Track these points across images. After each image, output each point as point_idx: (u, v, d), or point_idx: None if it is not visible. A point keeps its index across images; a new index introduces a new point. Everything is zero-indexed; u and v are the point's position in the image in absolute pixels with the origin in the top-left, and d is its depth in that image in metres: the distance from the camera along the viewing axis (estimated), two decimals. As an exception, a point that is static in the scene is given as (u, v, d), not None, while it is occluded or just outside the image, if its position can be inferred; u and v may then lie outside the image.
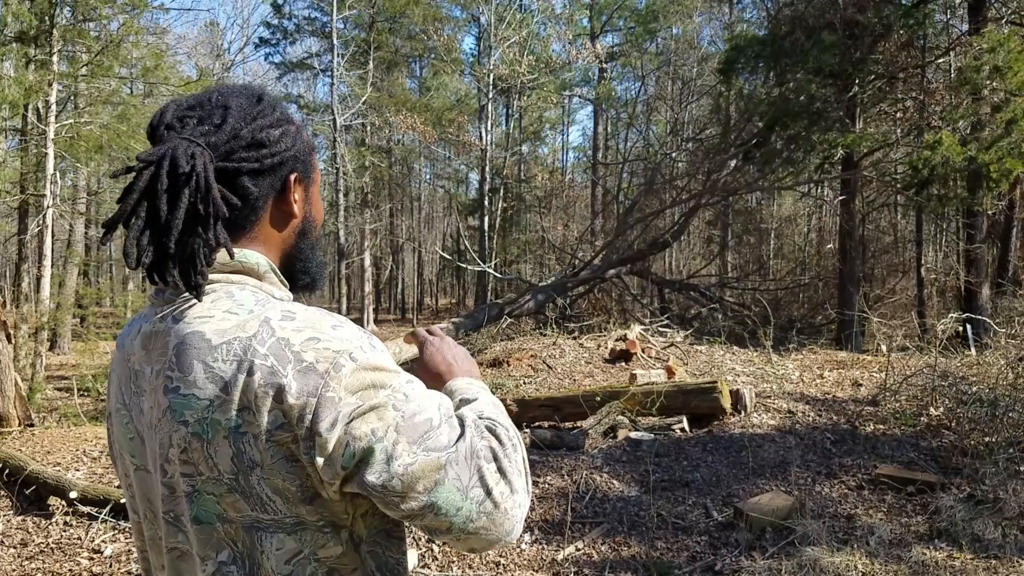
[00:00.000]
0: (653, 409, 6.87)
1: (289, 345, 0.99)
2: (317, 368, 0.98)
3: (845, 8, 12.29)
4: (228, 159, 1.09)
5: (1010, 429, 5.93)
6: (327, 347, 1.00)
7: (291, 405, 0.97)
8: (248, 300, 1.07)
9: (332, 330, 1.02)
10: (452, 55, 26.97)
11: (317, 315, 1.05)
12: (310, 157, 1.22)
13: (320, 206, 1.26)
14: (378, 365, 1.02)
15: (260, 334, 1.00)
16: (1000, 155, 10.62)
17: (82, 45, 13.08)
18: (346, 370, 0.99)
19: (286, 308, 1.05)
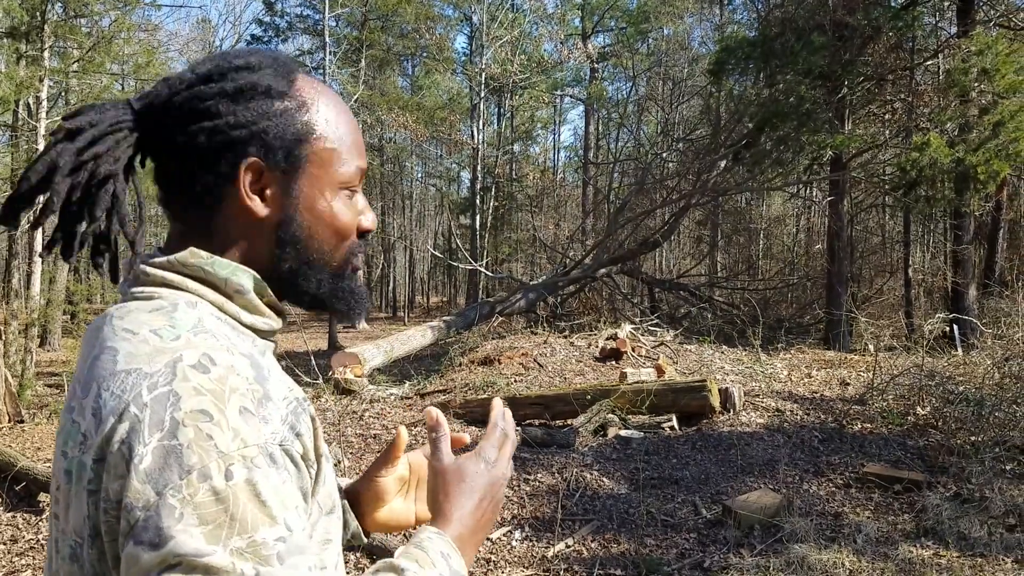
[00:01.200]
0: (643, 407, 6.92)
1: (175, 405, 0.75)
2: (183, 459, 0.72)
3: (835, 10, 12.36)
4: (156, 131, 0.92)
5: (996, 428, 6.00)
6: (211, 437, 0.73)
7: (132, 486, 0.72)
8: (186, 323, 0.84)
9: (239, 416, 0.75)
10: (444, 54, 27.00)
11: (239, 380, 0.78)
12: (297, 147, 0.92)
13: (333, 215, 0.95)
14: (258, 497, 0.74)
15: (157, 375, 0.77)
16: (987, 157, 10.70)
17: (73, 41, 13.03)
18: (212, 483, 0.72)
19: (214, 352, 0.80)
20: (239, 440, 0.74)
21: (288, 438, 0.79)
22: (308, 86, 0.95)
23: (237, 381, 0.78)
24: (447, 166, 34.47)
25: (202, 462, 0.72)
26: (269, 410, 0.79)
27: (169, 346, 0.80)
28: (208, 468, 0.72)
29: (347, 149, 0.96)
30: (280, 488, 0.76)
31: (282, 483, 0.77)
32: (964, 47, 11.51)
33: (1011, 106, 10.80)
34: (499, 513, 1.04)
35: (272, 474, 0.76)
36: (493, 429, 1.10)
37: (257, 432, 0.76)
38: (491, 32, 22.61)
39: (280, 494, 0.76)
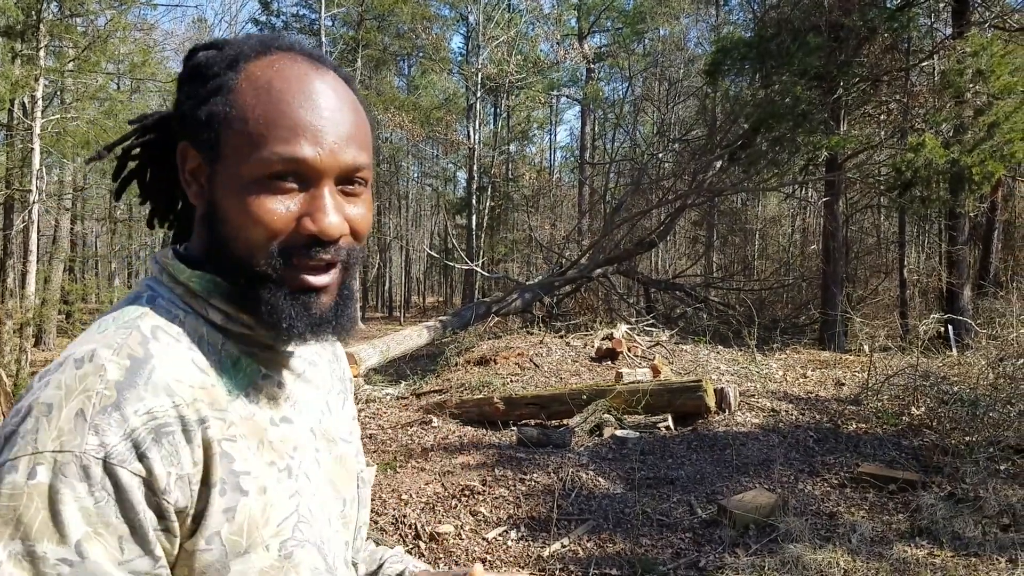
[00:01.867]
0: (639, 407, 6.93)
1: (35, 394, 0.74)
2: (7, 445, 0.71)
3: (830, 11, 12.37)
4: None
5: (990, 428, 6.02)
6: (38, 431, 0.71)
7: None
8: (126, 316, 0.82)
9: (72, 417, 0.71)
10: (440, 54, 26.99)
11: (95, 381, 0.73)
12: (212, 126, 0.83)
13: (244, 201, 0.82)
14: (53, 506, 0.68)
15: (55, 364, 0.77)
16: (982, 158, 10.73)
17: (69, 40, 13.00)
18: (12, 477, 0.69)
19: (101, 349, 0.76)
20: (57, 442, 0.70)
21: (122, 457, 0.71)
22: (264, 67, 0.85)
23: (93, 382, 0.73)
24: (443, 166, 34.46)
25: (15, 454, 0.70)
26: (110, 421, 0.72)
27: (92, 337, 0.79)
28: (18, 462, 0.69)
29: (272, 134, 0.81)
30: (83, 507, 0.69)
31: (94, 503, 0.70)
32: (959, 48, 11.54)
33: (1006, 107, 10.83)
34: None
35: (80, 489, 0.69)
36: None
37: (80, 439, 0.70)
38: (487, 32, 22.62)
39: (81, 512, 0.69)
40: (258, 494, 0.82)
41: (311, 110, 0.83)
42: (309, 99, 0.83)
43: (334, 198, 0.85)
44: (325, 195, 0.84)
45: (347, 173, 0.86)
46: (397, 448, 6.28)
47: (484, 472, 5.55)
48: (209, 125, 0.83)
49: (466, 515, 4.88)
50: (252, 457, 0.83)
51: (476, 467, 5.69)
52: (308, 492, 0.90)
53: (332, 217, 0.83)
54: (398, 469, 5.64)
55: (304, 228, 0.83)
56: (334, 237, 0.84)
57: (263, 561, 0.82)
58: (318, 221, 0.83)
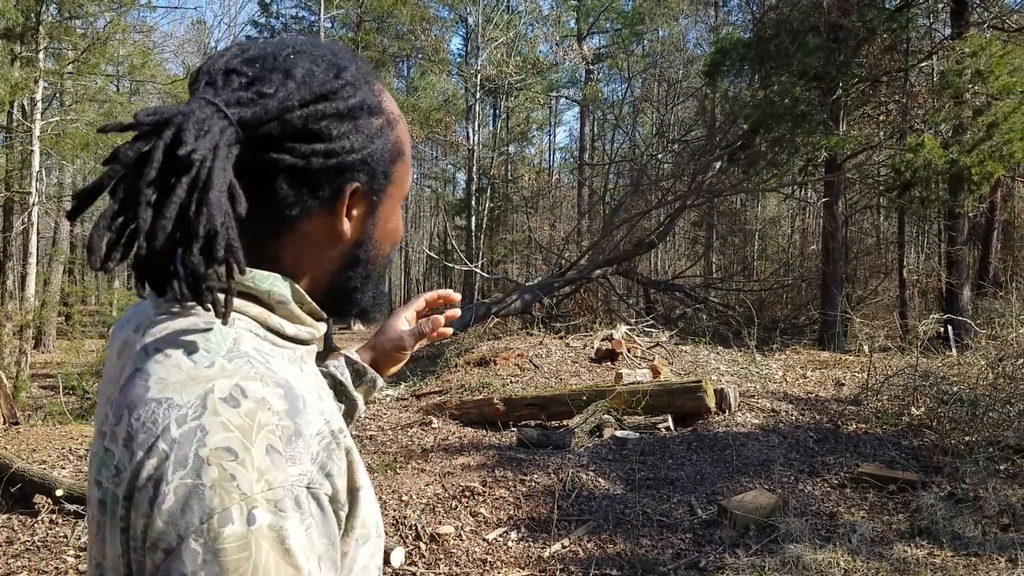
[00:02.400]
0: (639, 408, 6.93)
1: (200, 442, 0.70)
2: (205, 501, 0.68)
3: (829, 12, 12.39)
4: (262, 147, 0.80)
5: (990, 428, 6.03)
6: (234, 477, 0.69)
7: (155, 526, 0.68)
8: (221, 345, 0.78)
9: (265, 455, 0.70)
10: (440, 55, 26.98)
11: (268, 416, 0.73)
12: (391, 167, 0.90)
13: (396, 228, 0.96)
14: (284, 544, 0.69)
15: (189, 408, 0.72)
16: (981, 158, 10.75)
17: (68, 42, 13.01)
18: (233, 528, 0.67)
19: (246, 383, 0.74)
20: (263, 482, 0.69)
21: (317, 480, 0.74)
22: (385, 95, 0.91)
23: (266, 417, 0.72)
24: (443, 167, 34.46)
25: (223, 505, 0.68)
26: (299, 448, 0.73)
27: (202, 374, 0.75)
28: (229, 511, 0.68)
29: (408, 165, 0.94)
30: (304, 535, 0.71)
31: (306, 530, 0.71)
32: (958, 49, 11.56)
33: (1005, 107, 10.85)
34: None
35: (296, 520, 0.70)
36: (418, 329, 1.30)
37: (284, 474, 0.71)
38: (487, 33, 22.63)
39: (304, 542, 0.71)
40: (367, 488, 0.84)
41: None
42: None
43: None
44: None
45: None
46: (397, 449, 6.28)
47: (484, 473, 5.55)
48: (392, 163, 0.91)
49: (466, 516, 4.88)
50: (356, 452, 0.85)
51: (476, 468, 5.69)
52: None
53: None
54: (398, 470, 5.64)
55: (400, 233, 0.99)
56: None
57: (374, 544, 0.85)
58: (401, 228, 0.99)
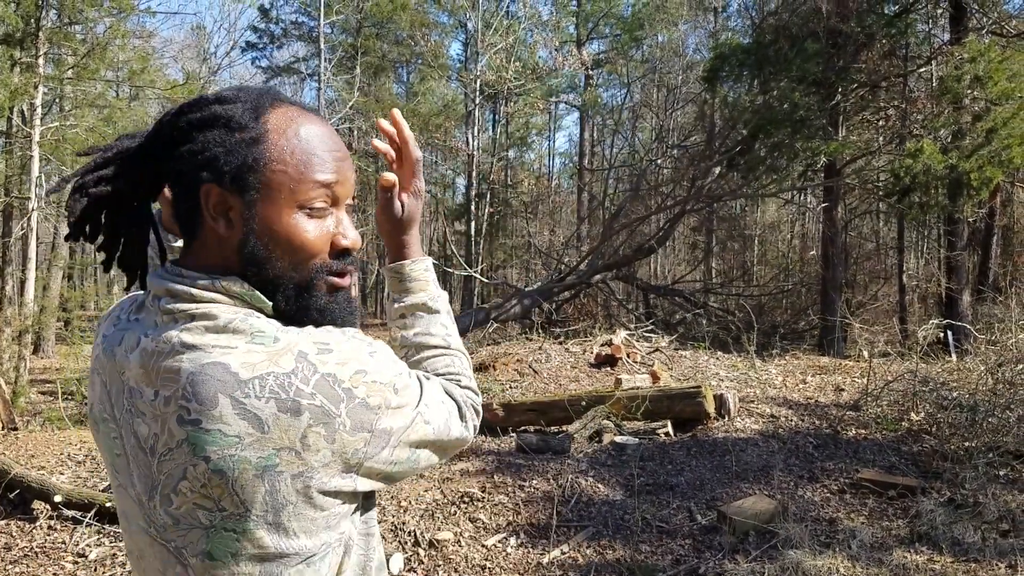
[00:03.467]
0: (638, 413, 6.92)
1: (338, 382, 0.97)
2: (369, 403, 0.98)
3: (829, 17, 12.41)
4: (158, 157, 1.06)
5: (989, 434, 6.01)
6: (375, 380, 1.00)
7: (345, 442, 0.97)
8: (264, 327, 0.99)
9: (371, 358, 1.01)
10: (439, 60, 27.03)
11: (353, 344, 1.02)
12: (255, 172, 1.01)
13: (294, 234, 1.03)
14: (408, 386, 1.05)
15: (300, 370, 0.95)
16: (980, 163, 10.75)
17: (68, 48, 13.01)
18: (395, 401, 1.01)
19: (316, 337, 1.00)
20: (387, 371, 1.02)
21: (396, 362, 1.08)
22: (281, 118, 1.03)
23: (352, 343, 1.02)
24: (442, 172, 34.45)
25: (381, 397, 1.00)
26: (380, 350, 1.05)
27: (279, 347, 0.97)
28: (386, 397, 1.01)
29: (307, 173, 1.03)
30: (408, 375, 1.08)
31: (407, 372, 1.08)
32: (957, 54, 11.57)
33: (1004, 113, 10.85)
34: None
35: (405, 375, 1.07)
36: (417, 163, 1.26)
37: (388, 360, 1.05)
38: (486, 39, 22.65)
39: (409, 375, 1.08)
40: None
41: (327, 149, 1.05)
42: (323, 140, 1.05)
43: (349, 218, 1.10)
44: (345, 217, 1.09)
45: (349, 198, 1.10)
46: (396, 455, 6.27)
47: (483, 479, 5.54)
48: (252, 168, 1.01)
49: (465, 522, 4.87)
50: None
51: (475, 473, 5.68)
52: None
53: (355, 233, 1.09)
54: (397, 476, 5.63)
55: (338, 244, 1.08)
56: (359, 247, 1.09)
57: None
58: (349, 238, 1.08)
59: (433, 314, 1.24)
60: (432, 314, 1.24)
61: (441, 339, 1.22)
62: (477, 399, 1.21)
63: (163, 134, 1.04)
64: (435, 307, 1.24)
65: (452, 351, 1.22)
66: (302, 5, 26.40)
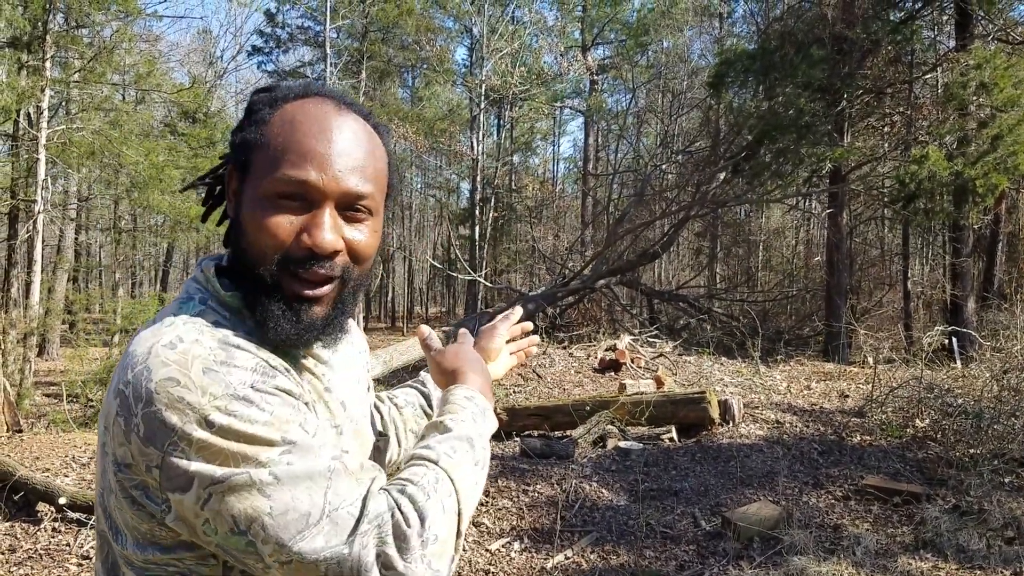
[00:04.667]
0: (642, 419, 6.91)
1: (147, 380, 0.87)
2: (167, 420, 0.85)
3: (834, 24, 12.41)
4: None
5: (995, 441, 6.00)
6: (183, 397, 0.85)
7: (139, 450, 0.86)
8: (188, 311, 0.96)
9: (203, 375, 0.86)
10: (444, 66, 27.08)
11: (201, 349, 0.89)
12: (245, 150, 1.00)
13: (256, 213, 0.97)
14: (245, 433, 0.85)
15: (139, 355, 0.89)
16: (986, 170, 10.73)
17: (75, 51, 13.07)
18: (198, 434, 0.84)
19: (185, 332, 0.91)
20: (208, 395, 0.85)
21: (260, 381, 0.90)
22: (296, 107, 1.00)
23: (198, 349, 0.89)
24: (447, 177, 34.51)
25: (181, 421, 0.84)
26: (234, 363, 0.90)
27: (161, 331, 0.92)
28: (190, 424, 0.84)
29: (281, 162, 0.96)
30: (261, 418, 0.87)
31: (268, 413, 0.88)
32: (963, 61, 11.56)
33: (1009, 120, 10.83)
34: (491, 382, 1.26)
35: (248, 411, 0.87)
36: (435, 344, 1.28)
37: (224, 383, 0.87)
38: (491, 44, 22.69)
39: (262, 423, 0.87)
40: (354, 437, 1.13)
41: (322, 141, 0.97)
42: (323, 132, 0.98)
43: (333, 219, 0.98)
44: (324, 215, 0.97)
45: (349, 199, 0.99)
46: (400, 459, 6.26)
47: (487, 483, 5.53)
48: (243, 148, 1.00)
49: (469, 526, 4.87)
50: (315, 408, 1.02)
51: (479, 478, 5.67)
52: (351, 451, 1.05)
53: (327, 234, 0.97)
54: (401, 480, 5.63)
55: (303, 242, 0.96)
56: (327, 252, 0.97)
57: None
58: (314, 236, 0.96)
59: (444, 432, 1.06)
60: (443, 432, 1.06)
61: (435, 453, 1.01)
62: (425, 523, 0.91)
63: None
64: (450, 426, 1.07)
65: (437, 467, 0.99)
66: (308, 10, 26.45)
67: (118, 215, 22.20)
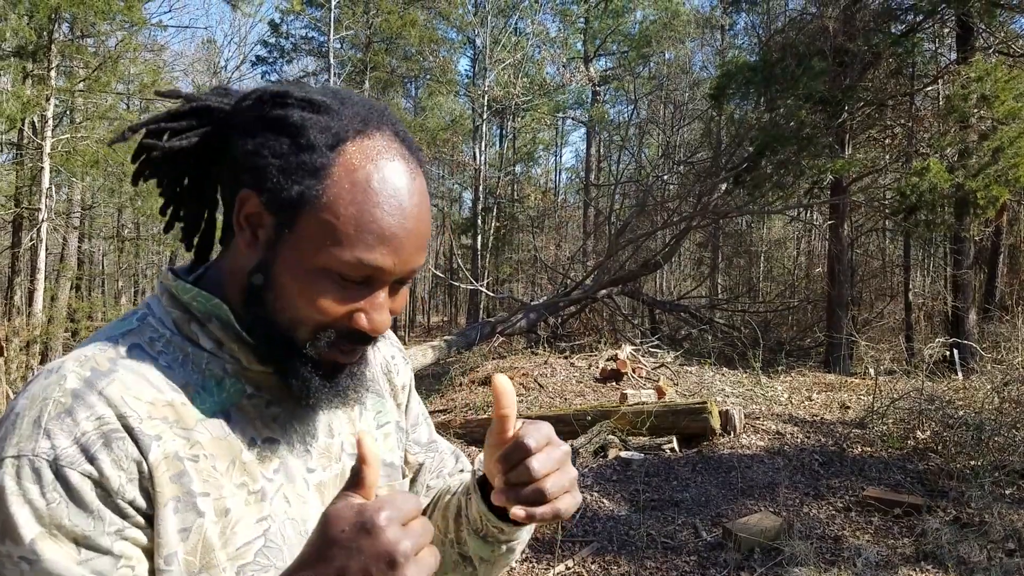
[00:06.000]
0: (643, 429, 6.92)
1: (14, 400, 0.80)
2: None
3: (835, 36, 12.45)
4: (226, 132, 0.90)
5: (996, 453, 6.00)
6: (5, 439, 0.76)
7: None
8: (114, 330, 0.87)
9: (29, 424, 0.76)
10: (447, 76, 27.20)
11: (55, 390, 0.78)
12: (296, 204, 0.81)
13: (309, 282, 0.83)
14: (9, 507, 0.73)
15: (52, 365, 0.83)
16: (987, 182, 10.75)
17: (80, 60, 13.15)
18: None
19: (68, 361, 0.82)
20: (16, 447, 0.74)
21: (72, 459, 0.74)
22: (361, 154, 0.83)
23: (53, 391, 0.78)
24: (449, 186, 34.59)
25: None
26: (60, 426, 0.75)
27: (79, 349, 0.84)
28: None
29: (358, 238, 0.81)
30: (36, 508, 0.73)
31: (45, 504, 0.73)
32: (964, 73, 11.59)
33: (1011, 132, 10.86)
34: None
35: (32, 490, 0.73)
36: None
37: (30, 444, 0.74)
38: (494, 55, 22.80)
39: (33, 515, 0.73)
40: (218, 516, 0.82)
41: (400, 220, 0.83)
42: (400, 208, 0.83)
43: (387, 297, 0.87)
44: (383, 296, 0.86)
45: (409, 276, 0.87)
46: (401, 468, 6.27)
47: (488, 493, 5.54)
48: (298, 203, 0.81)
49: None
50: (219, 478, 0.83)
51: (480, 488, 5.67)
52: (282, 516, 0.88)
53: (385, 317, 0.86)
54: (402, 489, 5.64)
55: (357, 323, 0.85)
56: (382, 333, 0.87)
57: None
58: (373, 321, 0.85)
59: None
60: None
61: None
62: None
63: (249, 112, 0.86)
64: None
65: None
66: (312, 21, 26.58)
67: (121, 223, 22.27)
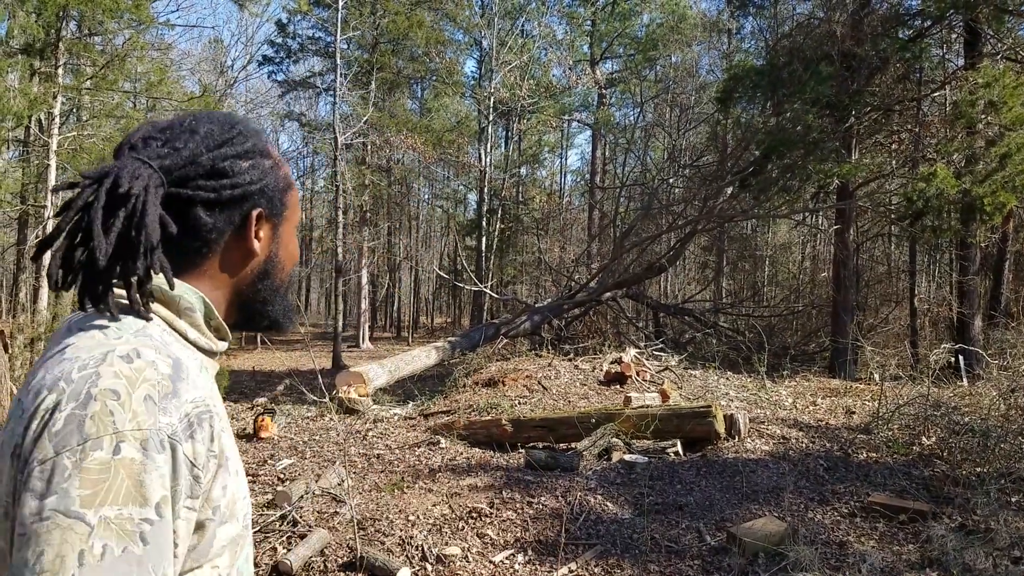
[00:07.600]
0: (647, 432, 6.90)
1: (93, 383, 0.86)
2: (84, 426, 0.83)
3: (843, 41, 12.43)
4: (182, 185, 1.02)
5: (1002, 460, 5.98)
6: (112, 412, 0.84)
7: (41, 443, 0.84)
8: (131, 327, 0.96)
9: (142, 402, 0.86)
10: (453, 77, 27.25)
11: (153, 373, 0.89)
12: (284, 195, 1.14)
13: (293, 249, 1.19)
14: (139, 476, 0.83)
15: (92, 359, 0.89)
16: (994, 188, 10.73)
17: (87, 59, 13.16)
18: (100, 455, 0.82)
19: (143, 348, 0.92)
20: (135, 422, 0.85)
21: (179, 435, 0.89)
22: (271, 146, 1.17)
23: (152, 373, 0.89)
24: (454, 188, 34.66)
25: (98, 434, 0.83)
26: (172, 404, 0.89)
27: (111, 342, 0.92)
28: (101, 440, 0.83)
29: (296, 197, 1.20)
30: (158, 475, 0.85)
31: (159, 473, 0.85)
32: (971, 79, 11.57)
33: (1018, 138, 10.83)
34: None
35: (158, 459, 0.85)
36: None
37: (153, 419, 0.86)
38: (500, 57, 22.82)
39: (157, 480, 0.85)
40: (235, 475, 1.02)
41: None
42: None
43: None
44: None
45: None
46: (404, 468, 6.27)
47: (492, 494, 5.54)
48: (283, 193, 1.15)
49: (473, 537, 4.86)
50: (232, 445, 1.04)
51: (484, 489, 5.67)
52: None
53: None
54: (405, 490, 5.63)
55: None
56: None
57: (234, 529, 1.01)
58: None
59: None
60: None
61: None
62: None
63: (205, 166, 1.05)
64: None
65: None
66: (319, 21, 26.63)
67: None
